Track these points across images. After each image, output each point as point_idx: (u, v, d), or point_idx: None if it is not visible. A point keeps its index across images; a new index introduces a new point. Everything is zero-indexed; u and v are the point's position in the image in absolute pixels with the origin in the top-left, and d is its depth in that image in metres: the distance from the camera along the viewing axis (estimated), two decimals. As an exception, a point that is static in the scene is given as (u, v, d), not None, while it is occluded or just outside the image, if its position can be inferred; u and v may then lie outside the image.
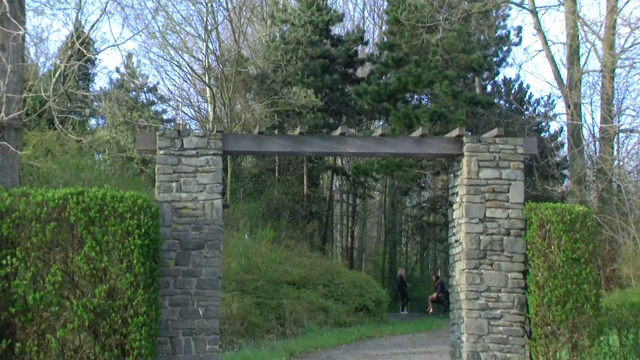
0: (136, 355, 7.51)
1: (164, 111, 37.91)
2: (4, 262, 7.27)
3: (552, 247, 8.23)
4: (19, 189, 7.81)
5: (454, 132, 9.04)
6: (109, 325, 7.44)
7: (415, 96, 33.60)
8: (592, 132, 27.68)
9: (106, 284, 7.48)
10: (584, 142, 27.21)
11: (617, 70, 26.59)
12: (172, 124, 33.31)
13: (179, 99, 37.11)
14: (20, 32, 10.59)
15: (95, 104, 28.67)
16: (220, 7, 28.21)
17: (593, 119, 51.69)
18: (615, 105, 26.70)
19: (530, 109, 37.84)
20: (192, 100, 38.15)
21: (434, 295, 30.36)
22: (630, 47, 23.69)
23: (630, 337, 9.15)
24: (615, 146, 27.63)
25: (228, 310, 16.24)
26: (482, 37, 29.26)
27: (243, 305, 16.84)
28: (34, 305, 7.24)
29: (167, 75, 66.78)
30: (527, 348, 8.48)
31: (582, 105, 25.97)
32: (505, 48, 35.42)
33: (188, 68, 29.02)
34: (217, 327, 8.38)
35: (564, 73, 27.97)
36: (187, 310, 8.31)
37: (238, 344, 15.75)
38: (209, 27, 26.60)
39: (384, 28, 36.71)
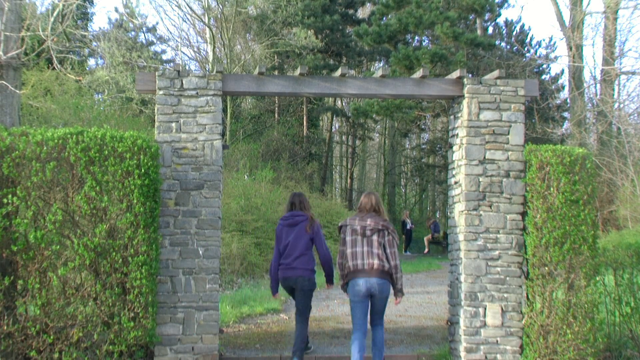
0: (137, 293, 7.58)
1: (163, 52, 37.78)
2: (5, 200, 7.30)
3: (551, 188, 8.25)
4: (18, 129, 7.80)
5: (455, 74, 8.99)
6: (110, 264, 7.49)
7: (416, 37, 33.43)
8: (593, 74, 27.59)
9: (106, 223, 7.52)
10: (584, 84, 27.14)
11: (620, 12, 26.43)
12: (172, 64, 33.22)
13: (178, 40, 36.91)
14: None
15: (94, 44, 28.49)
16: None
17: (594, 61, 51.46)
18: (617, 47, 26.58)
19: (532, 51, 37.66)
20: (191, 41, 37.98)
21: (429, 236, 30.78)
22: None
23: (626, 277, 9.23)
24: (616, 88, 27.61)
25: (228, 250, 16.38)
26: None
27: (243, 245, 16.99)
28: (35, 243, 7.29)
29: (167, 15, 66.59)
30: (524, 288, 8.56)
31: (583, 47, 25.87)
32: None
33: (187, 8, 28.80)
34: (217, 267, 8.44)
35: (566, 14, 27.78)
36: (187, 249, 8.37)
37: (238, 283, 15.93)
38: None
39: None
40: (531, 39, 38.64)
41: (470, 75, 23.63)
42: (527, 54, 35.88)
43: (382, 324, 8.33)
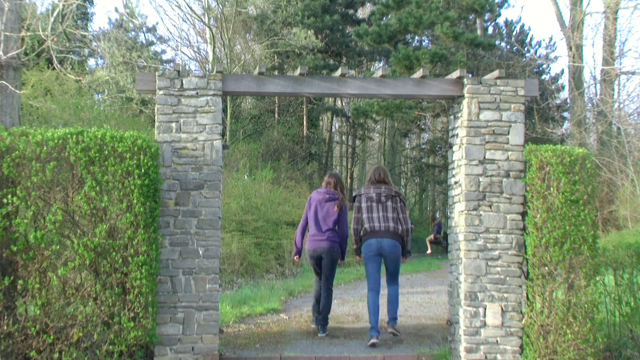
0: (137, 293, 7.57)
1: (163, 52, 37.77)
2: (5, 200, 7.29)
3: (551, 188, 8.24)
4: (18, 129, 7.79)
5: (455, 74, 8.98)
6: (110, 264, 7.49)
7: (416, 37, 33.46)
8: (593, 74, 27.58)
9: (106, 223, 7.51)
10: (584, 84, 27.14)
11: (620, 12, 26.43)
12: (172, 64, 33.22)
13: (178, 40, 36.94)
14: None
15: (94, 44, 28.49)
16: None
17: (594, 61, 51.51)
18: (617, 47, 26.59)
19: (532, 51, 37.68)
20: (191, 41, 37.99)
21: (431, 236, 30.67)
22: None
23: (626, 277, 9.20)
24: (616, 88, 27.60)
25: (228, 250, 16.38)
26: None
27: (243, 245, 16.98)
28: (35, 243, 7.28)
29: (167, 15, 66.67)
30: (524, 288, 8.55)
31: (583, 47, 25.86)
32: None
33: (187, 8, 28.78)
34: (217, 267, 8.42)
35: (566, 14, 27.78)
36: (187, 249, 8.36)
37: (238, 284, 15.93)
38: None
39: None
40: (531, 39, 38.68)
41: (470, 75, 23.63)
42: (527, 54, 35.88)
43: (397, 283, 10.07)
